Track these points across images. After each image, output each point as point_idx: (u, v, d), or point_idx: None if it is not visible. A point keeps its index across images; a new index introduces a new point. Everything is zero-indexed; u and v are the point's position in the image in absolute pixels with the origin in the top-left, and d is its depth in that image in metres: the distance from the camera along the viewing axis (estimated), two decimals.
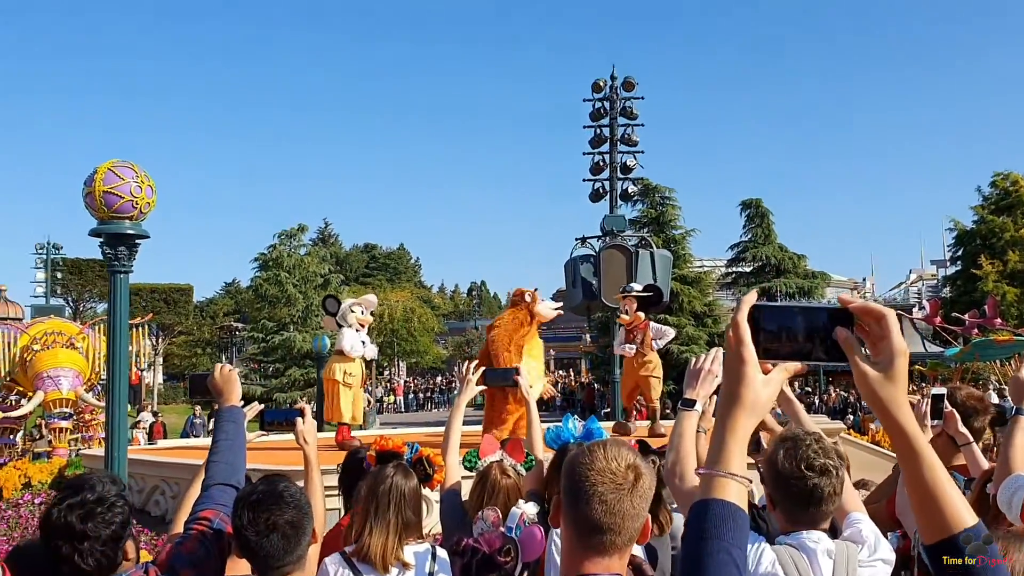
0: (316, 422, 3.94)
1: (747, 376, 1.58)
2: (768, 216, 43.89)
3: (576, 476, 2.01)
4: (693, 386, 2.93)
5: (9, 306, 25.53)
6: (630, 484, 1.99)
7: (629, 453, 2.07)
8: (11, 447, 19.93)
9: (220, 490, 3.05)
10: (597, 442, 2.11)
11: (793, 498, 2.67)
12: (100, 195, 6.09)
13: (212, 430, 3.30)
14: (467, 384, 4.63)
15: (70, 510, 2.69)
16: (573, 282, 20.34)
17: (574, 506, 2.00)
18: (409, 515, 3.62)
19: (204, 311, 60.46)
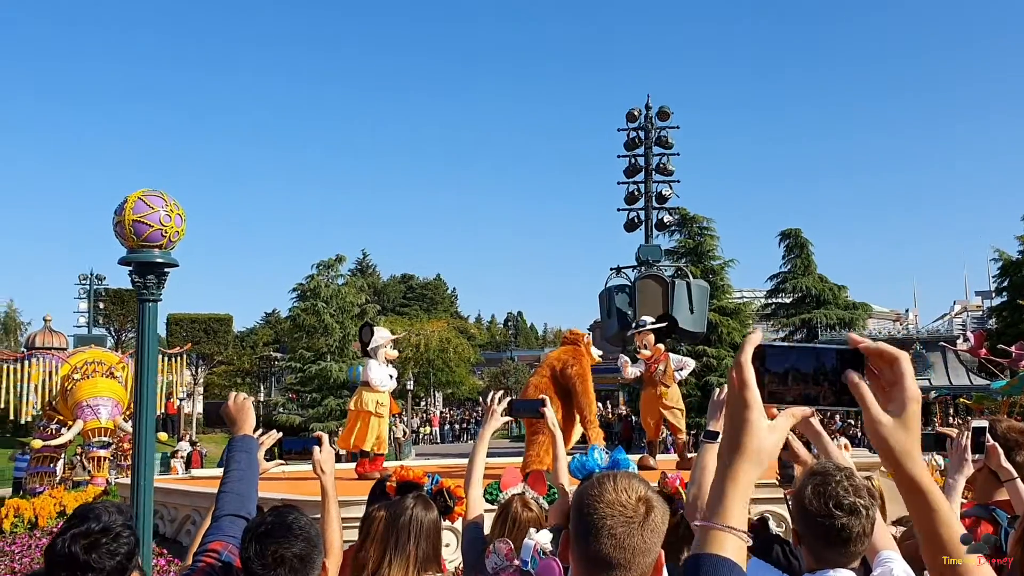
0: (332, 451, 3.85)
1: (750, 422, 1.45)
2: (808, 246, 43.42)
3: (584, 509, 1.91)
4: (717, 417, 2.81)
5: (54, 336, 25.95)
6: (641, 517, 1.89)
7: (640, 485, 1.97)
8: (51, 475, 20.16)
9: (230, 521, 2.97)
10: (607, 473, 2.01)
11: (820, 536, 2.52)
12: (130, 224, 6.09)
13: (225, 459, 3.23)
14: (492, 415, 4.53)
15: (74, 540, 2.60)
16: (608, 312, 20.20)
17: (582, 540, 1.90)
18: (428, 548, 3.52)
19: (244, 341, 61.05)
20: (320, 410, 39.24)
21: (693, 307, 18.55)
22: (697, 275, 27.74)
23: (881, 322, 51.97)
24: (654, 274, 19.74)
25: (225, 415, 3.29)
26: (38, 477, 20.23)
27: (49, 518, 11.79)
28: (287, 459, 3.86)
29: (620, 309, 19.54)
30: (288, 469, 11.01)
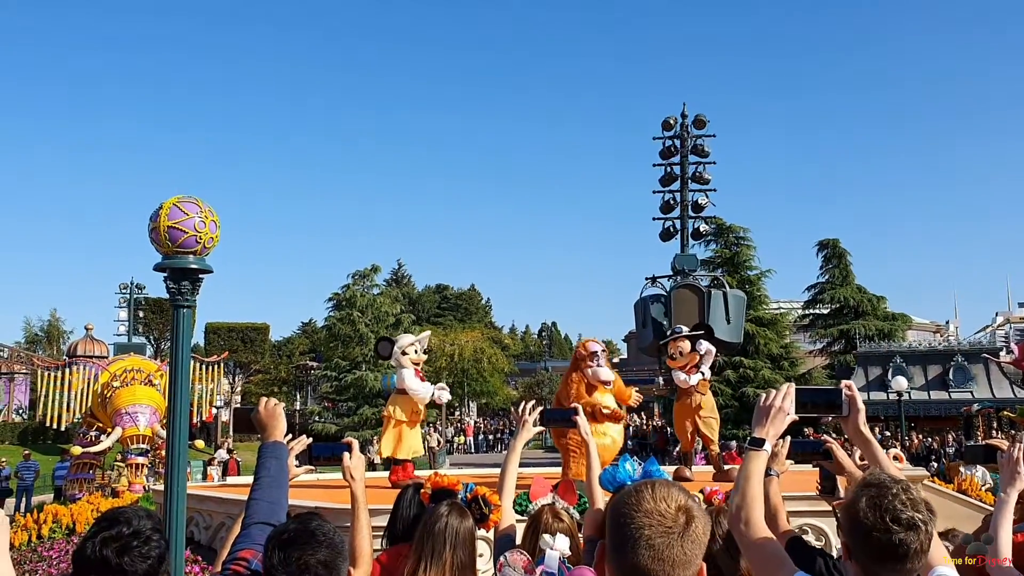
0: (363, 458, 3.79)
1: None
2: (846, 256, 42.90)
3: (620, 519, 1.83)
4: (763, 424, 2.70)
5: (95, 344, 26.34)
6: (681, 528, 1.80)
7: (680, 494, 1.87)
8: (89, 482, 20.40)
9: (260, 529, 2.92)
10: (645, 482, 1.92)
11: (873, 552, 2.34)
12: (165, 230, 6.12)
13: (256, 465, 3.17)
14: (524, 425, 4.46)
15: (104, 544, 2.56)
16: (643, 322, 20.02)
17: (619, 552, 1.81)
18: (464, 556, 3.46)
19: (280, 350, 61.58)
20: (355, 419, 39.40)
21: (730, 317, 18.31)
22: (733, 285, 27.47)
23: (921, 334, 51.08)
24: (690, 284, 19.52)
25: (256, 421, 3.23)
26: (78, 483, 20.49)
27: (87, 524, 11.87)
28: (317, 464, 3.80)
29: (656, 319, 19.35)
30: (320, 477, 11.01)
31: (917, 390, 34.35)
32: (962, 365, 34.71)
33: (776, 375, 37.67)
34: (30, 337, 68.22)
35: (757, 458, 2.63)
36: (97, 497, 13.69)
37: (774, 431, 2.68)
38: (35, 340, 67.79)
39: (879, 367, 35.81)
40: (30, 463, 25.51)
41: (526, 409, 4.53)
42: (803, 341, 45.15)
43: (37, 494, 25.42)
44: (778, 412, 2.69)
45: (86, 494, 18.55)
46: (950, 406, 34.09)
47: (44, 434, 39.16)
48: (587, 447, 4.63)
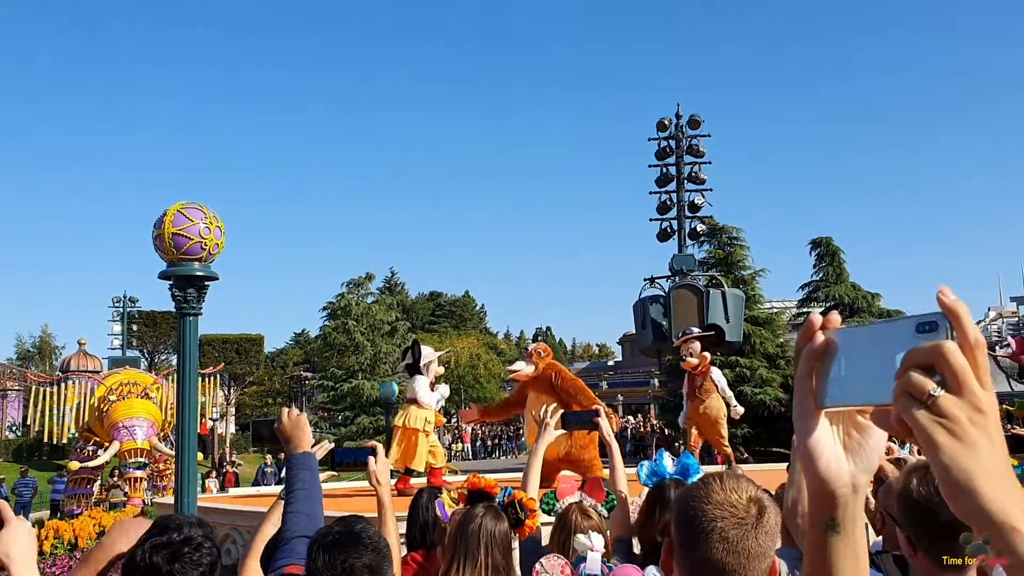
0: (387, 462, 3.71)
1: None
2: (839, 254, 42.94)
3: (690, 512, 1.75)
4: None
5: (89, 359, 26.21)
6: (754, 518, 1.73)
7: (749, 485, 1.81)
8: (87, 497, 20.26)
9: (302, 543, 2.86)
10: (711, 474, 1.85)
11: (938, 531, 2.23)
12: (169, 237, 6.03)
13: (285, 478, 3.08)
14: (547, 428, 4.42)
15: (155, 550, 2.49)
16: (643, 323, 19.98)
17: (690, 547, 1.74)
18: (499, 558, 3.39)
19: (274, 361, 61.36)
20: (352, 428, 39.26)
21: (729, 316, 18.29)
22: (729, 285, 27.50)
23: None
24: (689, 284, 19.49)
25: (280, 433, 3.13)
26: (75, 499, 20.35)
27: (88, 539, 11.76)
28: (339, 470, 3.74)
29: (655, 320, 19.31)
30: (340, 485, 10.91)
31: None
32: None
33: (772, 374, 37.67)
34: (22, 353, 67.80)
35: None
36: (99, 512, 13.55)
37: None
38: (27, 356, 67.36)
39: None
40: (28, 480, 25.30)
41: (547, 412, 4.48)
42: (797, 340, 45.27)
43: (34, 511, 25.23)
44: None
45: (84, 509, 18.43)
46: None
47: (39, 450, 38.90)
48: (610, 447, 4.57)
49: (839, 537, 1.13)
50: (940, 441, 0.94)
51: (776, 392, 36.95)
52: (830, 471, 1.11)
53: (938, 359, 0.95)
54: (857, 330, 1.10)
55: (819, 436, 1.11)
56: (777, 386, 37.30)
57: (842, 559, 1.13)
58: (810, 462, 1.12)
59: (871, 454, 1.12)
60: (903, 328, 1.02)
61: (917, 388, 0.95)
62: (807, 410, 1.11)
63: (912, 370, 0.97)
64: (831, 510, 1.12)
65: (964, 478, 0.94)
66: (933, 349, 0.96)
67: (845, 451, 1.12)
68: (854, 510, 1.13)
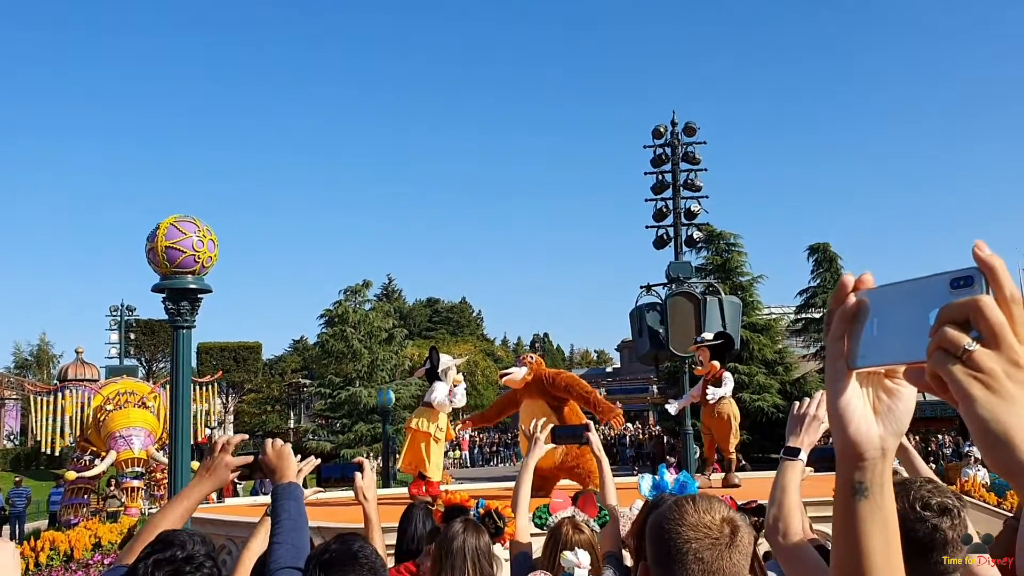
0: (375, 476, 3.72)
1: None
2: (836, 260, 43.03)
3: (666, 535, 1.77)
4: (797, 433, 2.64)
5: (86, 367, 26.22)
6: (727, 539, 1.76)
7: (722, 506, 1.84)
8: (84, 507, 20.23)
9: (288, 574, 2.86)
10: (684, 496, 1.88)
11: (910, 546, 2.25)
12: (162, 250, 6.05)
13: (271, 508, 3.09)
14: (536, 443, 4.44)
15: (158, 566, 2.52)
16: (639, 331, 19.96)
17: (666, 569, 1.76)
18: (487, 569, 3.41)
19: (273, 368, 61.35)
20: (351, 436, 39.21)
21: (726, 324, 18.28)
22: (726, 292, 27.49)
23: None
24: (685, 291, 19.49)
25: (264, 465, 3.10)
26: (72, 508, 20.32)
27: (84, 550, 11.75)
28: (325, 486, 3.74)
29: (652, 328, 19.30)
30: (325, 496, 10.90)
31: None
32: None
33: (771, 380, 37.71)
34: (20, 362, 67.80)
35: (792, 468, 2.58)
36: (95, 523, 13.53)
37: (809, 440, 2.63)
38: (25, 365, 67.38)
39: None
40: (21, 489, 25.26)
41: (537, 427, 4.50)
42: (796, 346, 45.21)
43: (30, 520, 25.19)
44: (812, 420, 2.64)
45: (82, 519, 18.40)
46: (945, 407, 34.17)
47: (37, 460, 38.87)
48: (599, 461, 4.59)
49: (867, 501, 1.11)
50: (976, 395, 0.93)
51: (774, 398, 36.98)
52: (860, 434, 1.10)
53: (974, 313, 0.94)
54: (890, 288, 1.09)
55: (850, 398, 1.11)
56: (775, 392, 37.33)
57: (870, 524, 1.12)
58: (840, 425, 1.11)
59: (901, 417, 1.12)
60: (937, 284, 1.00)
61: (952, 343, 0.94)
62: (838, 372, 1.11)
63: (947, 325, 0.95)
64: (860, 474, 1.11)
65: (1001, 430, 0.92)
66: (969, 303, 0.94)
67: (875, 414, 1.11)
68: (883, 474, 1.12)
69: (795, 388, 39.02)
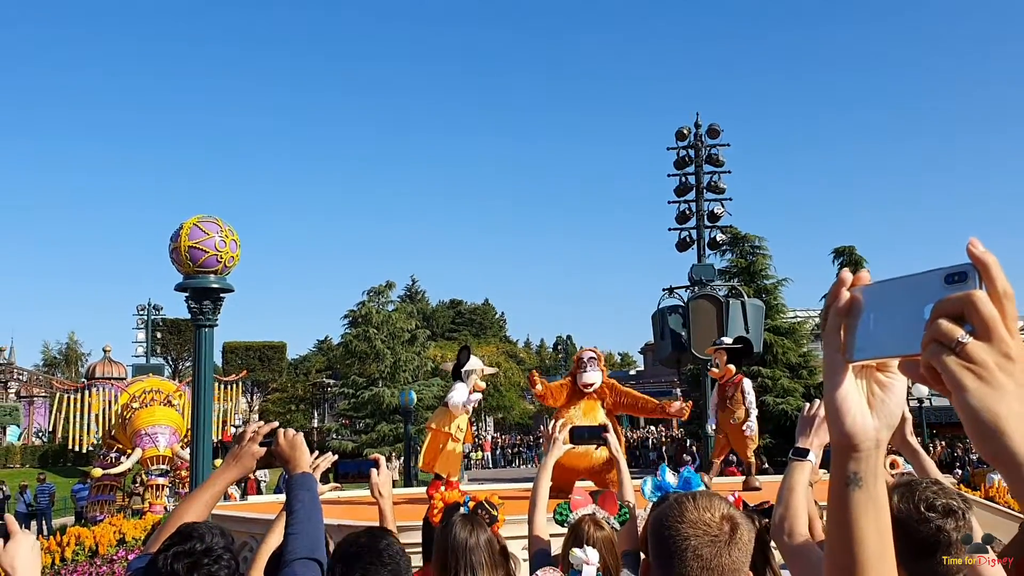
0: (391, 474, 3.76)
1: None
2: (862, 263, 42.59)
3: (665, 531, 1.80)
4: (806, 434, 2.65)
5: (113, 365, 26.52)
6: (727, 536, 1.78)
7: (722, 503, 1.86)
8: (110, 503, 20.47)
9: (303, 565, 2.87)
10: (684, 493, 1.90)
11: (914, 548, 2.25)
12: (185, 250, 6.14)
13: (285, 499, 3.12)
14: (555, 443, 4.46)
15: (177, 558, 2.58)
16: (661, 334, 19.93)
17: (666, 566, 1.78)
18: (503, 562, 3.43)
19: (297, 368, 61.75)
20: (373, 435, 39.38)
21: (748, 327, 18.21)
22: (750, 295, 27.32)
23: None
24: (708, 294, 19.42)
25: (277, 454, 3.10)
26: (98, 505, 20.56)
27: (109, 546, 11.88)
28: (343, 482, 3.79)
29: (674, 330, 19.26)
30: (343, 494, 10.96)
31: (938, 396, 33.83)
32: None
33: (795, 384, 37.43)
34: (49, 360, 68.74)
35: (801, 469, 2.59)
36: (120, 519, 13.69)
37: (819, 442, 2.63)
38: (54, 363, 68.30)
39: None
40: (46, 486, 25.61)
41: (555, 427, 4.52)
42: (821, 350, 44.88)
43: (56, 516, 25.51)
44: (823, 422, 2.65)
45: (107, 515, 18.62)
46: None
47: (64, 456, 39.36)
48: (616, 463, 4.61)
49: (861, 491, 1.15)
50: (968, 384, 0.97)
51: (798, 402, 36.69)
52: (856, 426, 1.14)
53: (968, 307, 0.98)
54: (885, 283, 1.13)
55: (846, 391, 1.15)
56: (799, 396, 37.05)
57: (863, 513, 1.16)
58: (837, 416, 1.15)
59: (893, 410, 1.16)
60: (932, 279, 1.04)
61: (946, 335, 0.98)
62: (836, 366, 1.15)
63: (942, 319, 0.99)
64: (855, 464, 1.15)
65: (991, 419, 0.96)
66: (963, 298, 0.98)
67: (869, 407, 1.15)
68: (876, 465, 1.16)
69: (819, 392, 38.44)
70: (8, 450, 43.09)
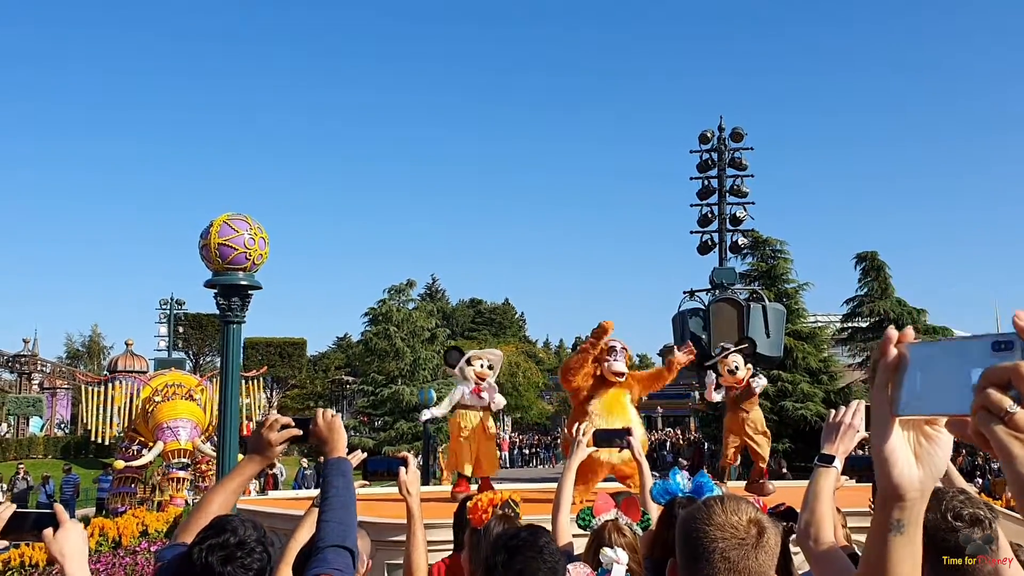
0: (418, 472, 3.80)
1: None
2: (884, 269, 42.24)
3: (694, 534, 1.84)
4: (832, 441, 2.67)
5: (135, 359, 26.77)
6: (754, 539, 1.82)
7: (749, 507, 1.90)
8: (132, 495, 20.68)
9: (335, 552, 2.89)
10: (713, 497, 1.95)
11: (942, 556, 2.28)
12: (215, 247, 6.23)
13: (320, 483, 3.16)
14: (579, 446, 4.52)
15: (211, 551, 2.64)
16: (681, 336, 19.92)
17: (693, 567, 1.82)
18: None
19: (317, 365, 62.03)
20: (392, 433, 39.51)
21: (769, 331, 18.17)
22: (771, 299, 27.20)
23: None
24: (729, 297, 19.39)
25: (315, 435, 3.14)
26: (120, 497, 20.77)
27: (132, 537, 12.04)
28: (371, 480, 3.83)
29: (694, 333, 19.24)
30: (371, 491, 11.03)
31: None
32: None
33: (815, 389, 37.19)
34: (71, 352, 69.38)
35: (826, 475, 2.61)
36: (143, 511, 13.85)
37: (844, 448, 2.65)
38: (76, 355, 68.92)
39: None
40: (70, 477, 25.91)
41: (580, 430, 4.58)
42: (842, 355, 44.57)
43: (78, 507, 25.82)
44: (848, 429, 2.67)
45: (129, 507, 18.83)
46: None
47: (86, 448, 39.75)
48: (639, 466, 4.66)
49: (902, 538, 1.22)
50: (1016, 453, 1.04)
51: (818, 407, 36.43)
52: (903, 477, 1.20)
53: (1015, 378, 1.03)
54: (933, 345, 1.19)
55: (894, 443, 1.20)
56: (819, 401, 36.78)
57: (902, 558, 1.23)
58: (885, 467, 1.20)
59: (939, 463, 1.22)
60: (980, 346, 1.10)
61: (995, 405, 1.04)
62: (883, 418, 1.20)
63: (990, 387, 1.05)
64: (899, 513, 1.21)
65: None
66: (1011, 368, 1.04)
67: (915, 459, 1.21)
68: (918, 513, 1.22)
69: (839, 397, 38.42)
70: (31, 441, 43.58)
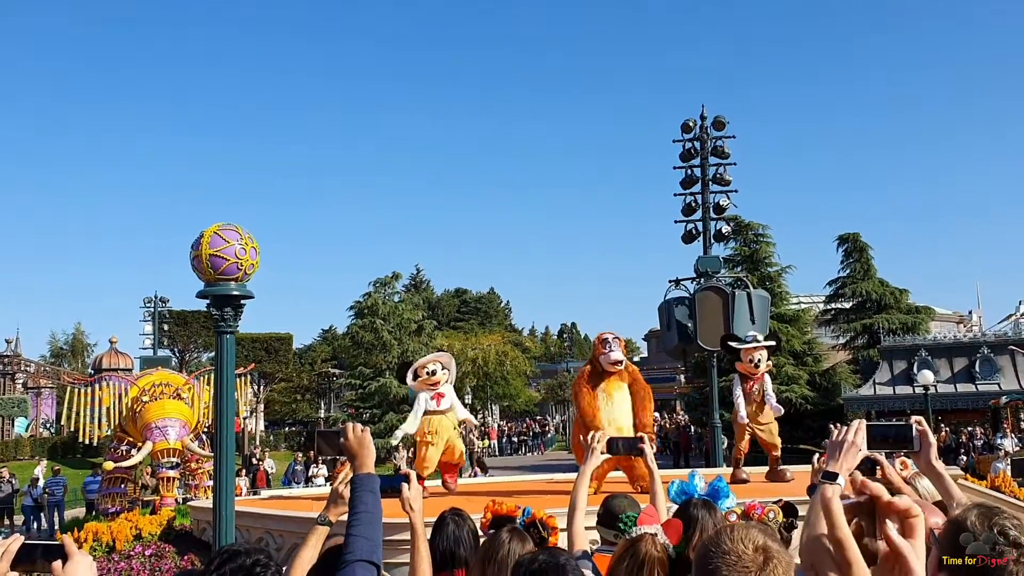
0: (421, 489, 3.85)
1: None
2: (867, 250, 42.63)
3: (705, 561, 1.96)
4: (836, 458, 2.73)
5: (120, 357, 26.61)
6: (758, 567, 1.91)
7: (759, 535, 1.97)
8: (121, 496, 20.64)
9: (363, 568, 2.94)
10: (728, 524, 2.04)
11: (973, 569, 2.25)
12: (206, 258, 6.25)
13: (349, 499, 3.22)
14: (593, 452, 4.59)
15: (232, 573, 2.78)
16: (668, 325, 20.03)
17: None
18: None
19: (303, 358, 61.92)
20: (380, 426, 39.58)
21: (755, 318, 18.31)
22: (754, 283, 27.37)
23: (944, 325, 50.57)
24: (714, 286, 19.51)
25: (346, 449, 3.22)
26: (110, 498, 20.72)
27: (126, 541, 12.02)
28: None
29: (680, 322, 19.36)
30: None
31: (943, 383, 34.10)
32: (988, 357, 34.45)
33: (799, 371, 37.56)
34: (55, 351, 68.96)
35: (830, 492, 2.67)
36: (136, 514, 13.84)
37: (847, 466, 2.71)
38: (60, 354, 68.51)
39: (904, 361, 35.60)
40: (59, 479, 25.83)
41: (595, 437, 4.65)
42: (826, 336, 44.93)
43: (68, 508, 25.74)
44: (851, 447, 2.72)
45: (119, 508, 18.79)
46: (977, 399, 33.93)
47: (73, 448, 39.58)
48: (651, 474, 4.73)
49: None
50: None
51: (803, 389, 36.79)
52: None
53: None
54: None
55: None
56: (803, 383, 37.15)
57: None
58: None
59: None
60: None
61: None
62: None
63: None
64: None
65: None
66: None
67: None
68: None
69: (824, 379, 38.79)
70: (17, 442, 43.34)
